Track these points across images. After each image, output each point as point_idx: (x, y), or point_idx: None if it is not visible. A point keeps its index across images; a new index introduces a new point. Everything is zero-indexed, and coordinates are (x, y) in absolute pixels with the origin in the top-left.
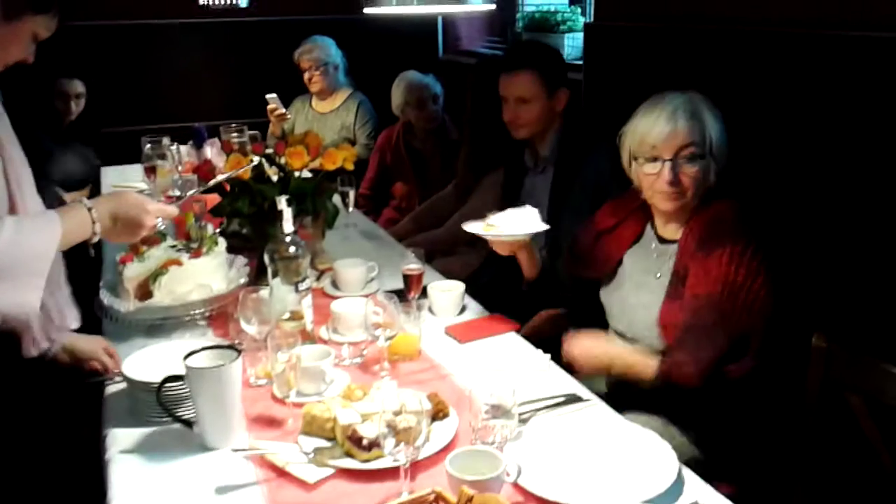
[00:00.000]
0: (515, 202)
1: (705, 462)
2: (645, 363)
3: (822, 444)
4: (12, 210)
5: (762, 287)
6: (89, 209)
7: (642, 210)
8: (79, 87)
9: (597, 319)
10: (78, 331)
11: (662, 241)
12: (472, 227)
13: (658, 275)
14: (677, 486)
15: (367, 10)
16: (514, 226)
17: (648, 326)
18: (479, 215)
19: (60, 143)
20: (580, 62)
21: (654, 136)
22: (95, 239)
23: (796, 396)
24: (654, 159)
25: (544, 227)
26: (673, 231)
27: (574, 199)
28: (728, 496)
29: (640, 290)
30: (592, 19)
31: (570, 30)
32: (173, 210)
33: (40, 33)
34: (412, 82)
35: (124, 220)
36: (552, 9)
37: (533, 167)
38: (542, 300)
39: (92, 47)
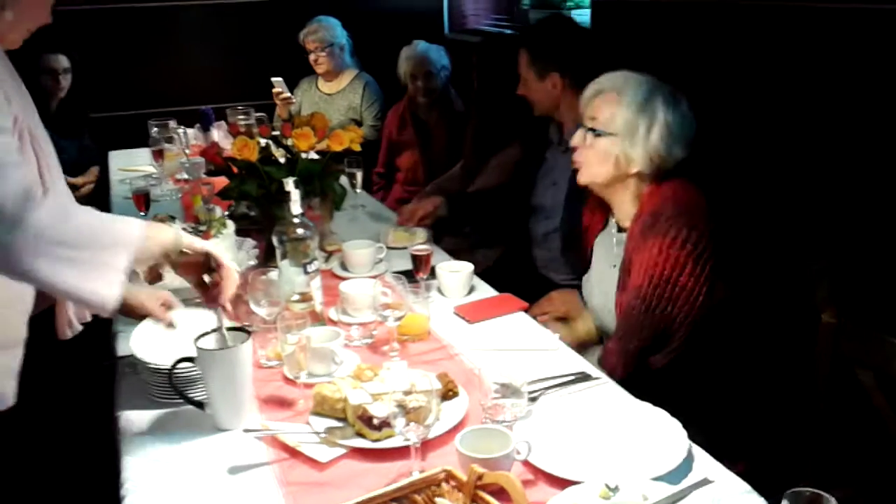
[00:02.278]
0: (534, 177)
1: (714, 442)
2: None
3: (834, 419)
4: None
5: (689, 279)
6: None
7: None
8: (64, 61)
9: None
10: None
11: (620, 230)
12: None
13: (614, 265)
14: (687, 463)
15: None
16: None
17: (608, 314)
18: (487, 195)
19: (52, 126)
20: None
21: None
22: (179, 255)
23: (807, 373)
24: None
25: None
26: (626, 220)
27: None
28: (739, 474)
29: (602, 279)
30: None
31: (577, 6)
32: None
33: None
34: (411, 55)
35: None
36: None
37: (557, 143)
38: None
39: (98, 31)
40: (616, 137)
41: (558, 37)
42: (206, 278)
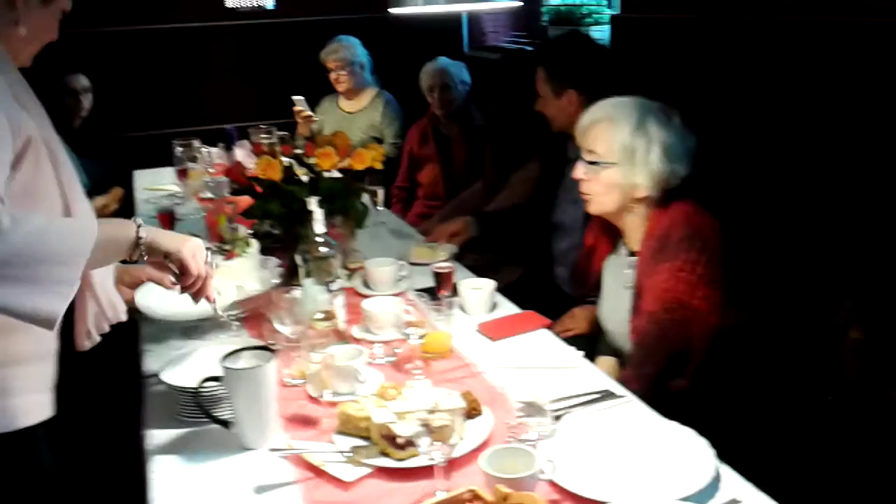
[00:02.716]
0: (554, 192)
1: (741, 462)
2: None
3: (862, 438)
4: (66, 215)
5: (702, 302)
6: (138, 225)
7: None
8: (85, 81)
9: None
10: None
11: (631, 253)
12: None
13: (627, 287)
14: (714, 483)
15: (393, 11)
16: None
17: (624, 338)
18: (509, 212)
19: (73, 148)
20: None
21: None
22: (140, 256)
23: (837, 390)
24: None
25: None
26: (637, 244)
27: None
28: (767, 494)
29: (616, 303)
30: (620, 11)
31: (597, 22)
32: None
33: (66, 7)
34: (430, 69)
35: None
36: (578, 1)
37: (574, 159)
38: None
39: (121, 52)
40: (617, 166)
41: (575, 54)
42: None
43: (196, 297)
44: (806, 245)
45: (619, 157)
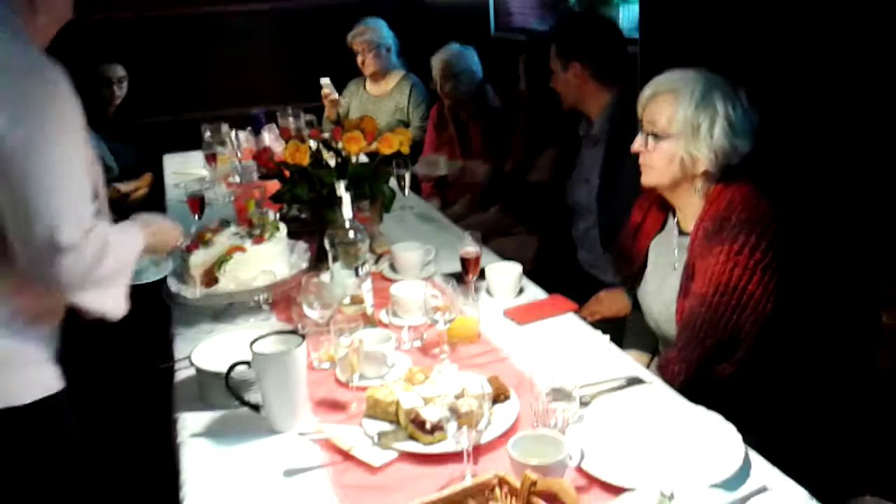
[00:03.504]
0: (570, 173)
1: (776, 448)
2: None
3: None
4: (96, 198)
5: (757, 288)
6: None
7: (664, 200)
8: (119, 70)
9: None
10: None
11: (682, 233)
12: None
13: (675, 267)
14: (744, 470)
15: None
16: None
17: (668, 321)
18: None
19: (108, 134)
20: (636, 35)
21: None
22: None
23: (870, 376)
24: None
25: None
26: (690, 223)
27: (624, 177)
28: (799, 481)
29: (661, 283)
30: None
31: (625, 1)
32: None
33: None
34: (435, 61)
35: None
36: None
37: (585, 137)
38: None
39: (149, 37)
40: (678, 139)
41: (580, 28)
42: None
43: None
44: (841, 228)
45: (681, 130)
